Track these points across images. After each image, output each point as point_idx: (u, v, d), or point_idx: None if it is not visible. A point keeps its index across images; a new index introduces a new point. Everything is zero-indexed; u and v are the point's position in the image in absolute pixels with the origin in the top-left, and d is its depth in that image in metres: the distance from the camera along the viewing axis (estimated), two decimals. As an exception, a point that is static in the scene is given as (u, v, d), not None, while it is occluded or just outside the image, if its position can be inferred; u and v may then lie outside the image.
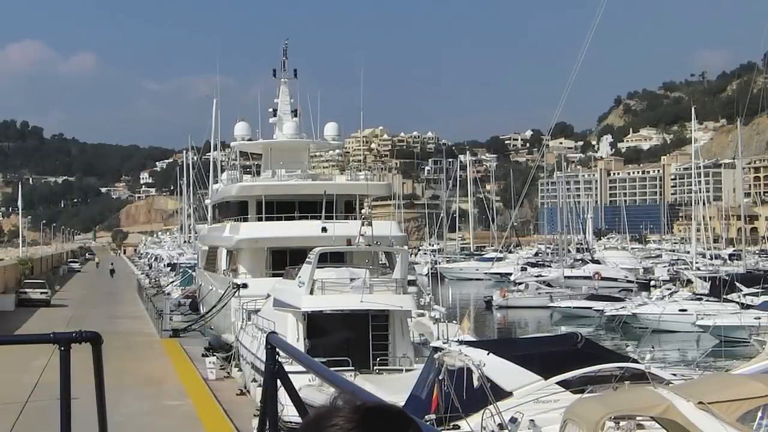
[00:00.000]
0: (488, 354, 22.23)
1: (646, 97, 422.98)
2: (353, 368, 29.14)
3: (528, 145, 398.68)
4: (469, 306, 75.50)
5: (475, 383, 20.35)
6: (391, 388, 24.33)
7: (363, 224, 35.54)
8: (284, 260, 42.71)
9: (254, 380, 29.86)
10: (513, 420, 20.08)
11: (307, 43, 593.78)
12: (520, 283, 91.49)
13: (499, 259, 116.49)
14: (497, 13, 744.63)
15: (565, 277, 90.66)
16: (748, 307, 58.55)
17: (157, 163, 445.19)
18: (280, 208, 47.97)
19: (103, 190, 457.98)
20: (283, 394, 5.75)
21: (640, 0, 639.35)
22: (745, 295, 65.46)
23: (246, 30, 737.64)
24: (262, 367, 8.28)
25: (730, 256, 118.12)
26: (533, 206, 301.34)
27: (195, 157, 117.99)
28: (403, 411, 2.26)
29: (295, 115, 53.64)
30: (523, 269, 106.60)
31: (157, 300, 61.14)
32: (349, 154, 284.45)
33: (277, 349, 5.91)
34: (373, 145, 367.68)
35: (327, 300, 32.35)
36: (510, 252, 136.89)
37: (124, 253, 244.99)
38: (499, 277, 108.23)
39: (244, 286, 43.10)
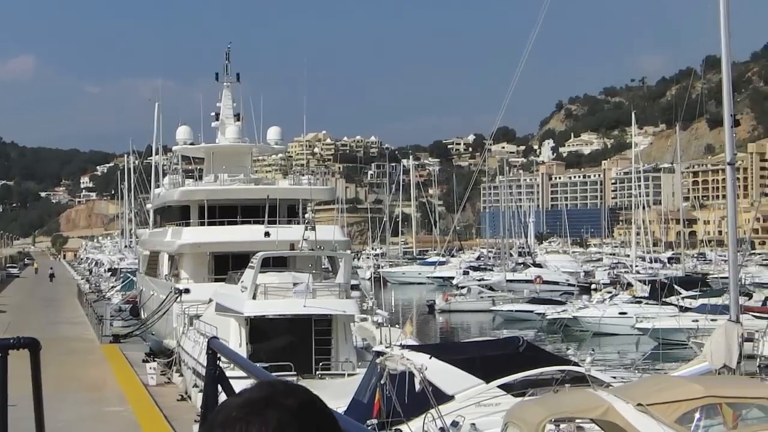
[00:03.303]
0: (430, 358, 22.30)
1: (587, 102, 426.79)
2: (295, 373, 29.09)
3: (471, 149, 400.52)
4: (411, 310, 75.65)
5: (417, 387, 20.40)
6: (334, 392, 24.30)
7: (306, 229, 35.49)
8: (227, 265, 42.53)
9: (195, 385, 29.68)
10: (454, 424, 20.16)
11: (250, 47, 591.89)
12: (462, 287, 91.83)
13: (442, 263, 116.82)
14: (440, 19, 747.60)
15: (507, 280, 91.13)
16: (687, 309, 59.23)
17: (98, 167, 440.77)
18: (222, 212, 47.74)
19: (43, 194, 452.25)
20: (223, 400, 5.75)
21: (581, 6, 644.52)
22: (683, 297, 66.31)
23: (188, 33, 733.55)
24: (204, 372, 8.26)
25: (669, 259, 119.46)
26: (476, 210, 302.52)
27: (136, 161, 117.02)
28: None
29: (238, 119, 53.41)
30: (466, 273, 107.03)
31: (97, 305, 60.53)
32: (292, 159, 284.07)
33: (219, 355, 5.92)
34: (316, 150, 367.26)
35: (270, 305, 32.27)
36: (452, 256, 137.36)
37: (64, 258, 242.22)
38: (441, 281, 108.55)
39: (186, 291, 42.83)
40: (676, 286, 69.74)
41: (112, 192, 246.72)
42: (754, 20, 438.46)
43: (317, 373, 30.93)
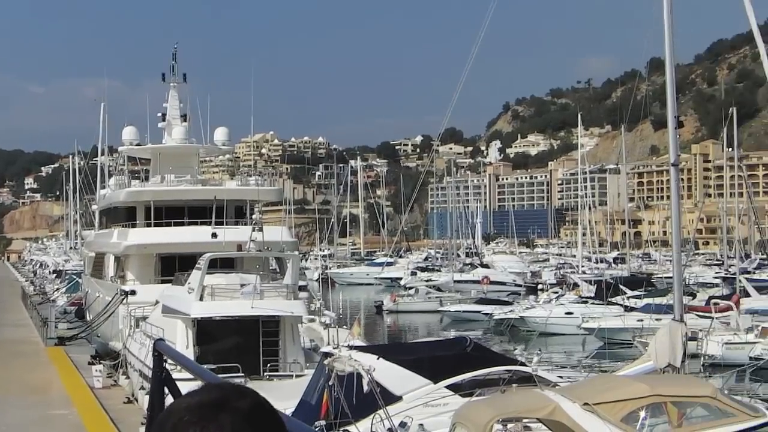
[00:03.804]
0: (378, 359, 22.32)
1: (533, 103, 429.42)
2: (243, 374, 28.99)
3: (418, 150, 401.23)
4: (359, 311, 75.72)
5: (365, 388, 20.42)
6: (282, 394, 24.24)
7: (253, 230, 35.36)
8: (173, 266, 42.25)
9: (142, 388, 29.47)
10: (402, 424, 20.20)
11: (196, 47, 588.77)
12: (410, 288, 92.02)
13: (390, 264, 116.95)
14: (387, 19, 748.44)
15: (455, 281, 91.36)
16: (632, 309, 59.85)
17: (42, 168, 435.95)
18: (169, 213, 47.45)
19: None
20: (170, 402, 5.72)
21: (528, 7, 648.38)
22: (628, 297, 66.94)
23: (134, 32, 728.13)
24: (150, 374, 8.20)
25: (615, 259, 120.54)
26: (423, 211, 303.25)
27: (81, 162, 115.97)
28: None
29: (185, 120, 53.11)
30: (413, 274, 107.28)
31: (42, 308, 59.88)
32: (239, 159, 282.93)
33: (165, 356, 5.90)
34: (263, 150, 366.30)
35: (217, 306, 32.13)
36: (400, 257, 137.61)
37: (8, 260, 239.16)
38: (389, 281, 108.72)
39: (132, 292, 42.53)
40: (621, 286, 70.44)
41: (57, 193, 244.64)
42: (698, 23, 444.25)
43: (265, 374, 30.82)
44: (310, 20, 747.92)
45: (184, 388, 6.06)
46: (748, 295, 63.97)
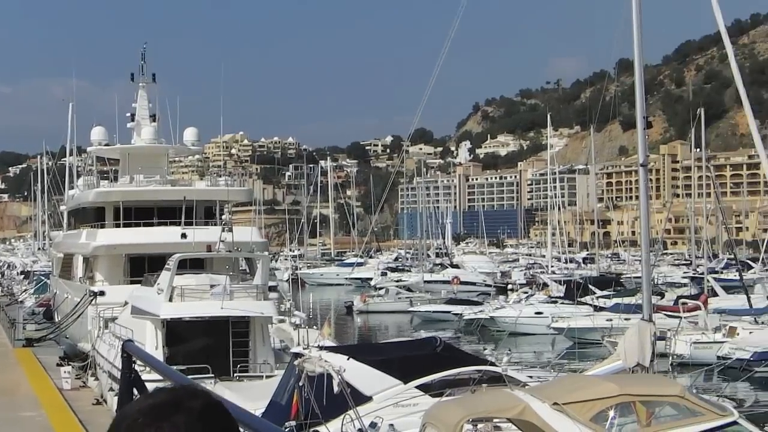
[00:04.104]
0: (348, 359, 22.31)
1: (503, 103, 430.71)
2: (213, 375, 28.94)
3: (388, 150, 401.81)
4: (329, 311, 75.63)
5: (335, 389, 20.40)
6: (252, 395, 24.21)
7: (223, 230, 35.27)
8: (143, 267, 42.06)
9: (111, 389, 29.36)
10: (373, 425, 20.20)
11: (166, 47, 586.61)
12: (380, 288, 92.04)
13: (360, 265, 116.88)
14: (357, 20, 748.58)
15: (425, 281, 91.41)
16: (601, 309, 60.11)
17: (10, 168, 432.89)
18: (138, 214, 47.24)
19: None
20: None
21: (497, 8, 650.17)
22: (598, 297, 67.23)
23: (103, 32, 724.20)
24: (119, 375, 8.17)
25: (584, 259, 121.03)
26: (393, 211, 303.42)
27: (50, 162, 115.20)
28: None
29: (154, 120, 52.92)
30: (384, 274, 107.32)
31: (9, 309, 59.43)
32: (209, 160, 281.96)
33: (134, 358, 5.87)
34: (233, 151, 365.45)
35: (186, 307, 32.04)
36: (370, 257, 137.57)
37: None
38: (359, 282, 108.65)
39: (101, 293, 42.31)
40: (590, 286, 70.73)
41: (25, 193, 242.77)
42: (666, 24, 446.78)
43: (235, 375, 30.78)
44: (279, 21, 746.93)
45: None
46: (715, 294, 64.41)
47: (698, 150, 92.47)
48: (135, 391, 5.77)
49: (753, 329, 49.40)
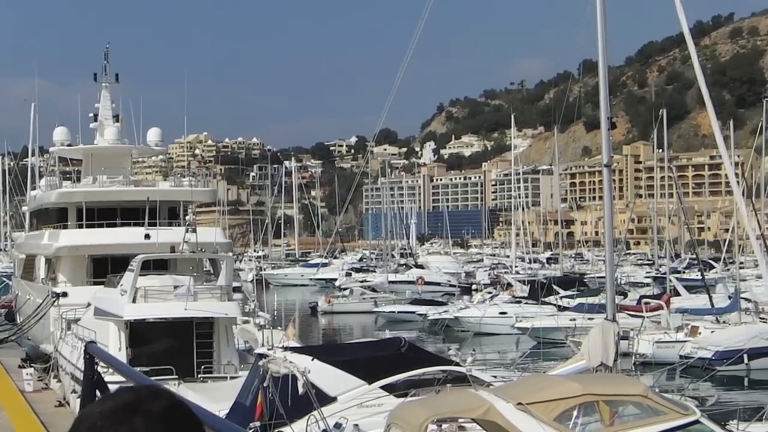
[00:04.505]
0: (313, 360, 22.27)
1: (467, 104, 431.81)
2: (177, 377, 28.82)
3: (353, 151, 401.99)
4: (294, 312, 75.50)
5: (300, 389, 20.36)
6: (216, 396, 24.13)
7: (187, 231, 35.13)
8: (106, 268, 41.79)
9: (74, 391, 29.16)
10: (337, 425, 20.18)
11: (129, 47, 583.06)
12: (344, 289, 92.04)
13: (324, 265, 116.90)
14: (321, 19, 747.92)
15: (389, 282, 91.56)
16: (565, 309, 60.43)
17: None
18: (101, 215, 46.93)
19: None
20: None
21: (461, 9, 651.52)
22: (561, 297, 67.56)
23: (66, 32, 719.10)
24: (82, 377, 8.11)
25: (548, 259, 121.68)
26: (358, 212, 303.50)
27: (11, 163, 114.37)
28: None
29: (117, 121, 52.59)
30: (348, 275, 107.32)
31: (-29, 311, 58.93)
32: (172, 160, 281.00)
33: (96, 359, 5.83)
34: (197, 151, 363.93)
35: (150, 308, 31.88)
36: (335, 258, 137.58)
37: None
38: (324, 282, 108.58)
39: (64, 294, 41.99)
40: (554, 286, 71.06)
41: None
42: (629, 25, 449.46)
43: (199, 376, 30.66)
44: (243, 20, 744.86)
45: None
46: (678, 294, 64.95)
47: (660, 151, 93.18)
48: (98, 393, 5.73)
49: (715, 328, 49.84)
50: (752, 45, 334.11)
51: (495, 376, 26.03)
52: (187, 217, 39.40)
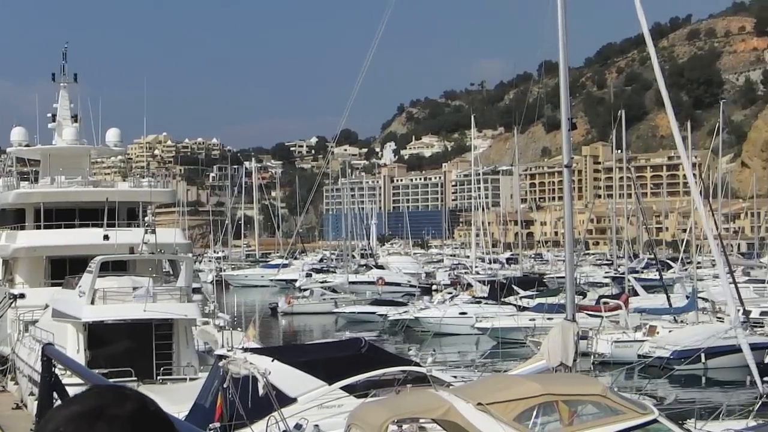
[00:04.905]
0: (273, 361, 22.22)
1: (428, 105, 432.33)
2: (136, 379, 28.67)
3: (313, 152, 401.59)
4: (254, 313, 75.20)
5: (260, 391, 20.30)
6: (176, 397, 24.01)
7: (146, 232, 34.96)
8: (64, 269, 41.52)
9: (32, 393, 28.93)
10: (298, 426, 20.15)
11: (88, 46, 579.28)
12: (305, 290, 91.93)
13: (285, 266, 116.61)
14: (281, 19, 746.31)
15: (350, 282, 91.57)
16: (525, 309, 60.66)
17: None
18: (59, 215, 46.59)
19: None
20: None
21: (422, 10, 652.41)
22: (521, 297, 67.78)
23: (24, 31, 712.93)
24: (40, 379, 8.04)
25: (508, 260, 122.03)
26: (318, 212, 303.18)
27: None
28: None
29: (76, 121, 52.22)
30: (308, 275, 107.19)
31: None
32: (131, 161, 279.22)
33: (54, 361, 5.78)
34: (156, 152, 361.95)
35: (109, 310, 31.69)
36: (295, 258, 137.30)
37: None
38: (284, 283, 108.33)
39: (21, 296, 41.68)
40: (514, 286, 71.26)
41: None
42: (588, 27, 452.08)
43: (158, 378, 30.52)
44: (202, 19, 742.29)
45: (74, 393, 5.95)
46: (636, 294, 65.40)
47: (619, 151, 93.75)
48: (55, 395, 5.69)
49: (672, 328, 50.27)
50: (709, 47, 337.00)
51: (455, 377, 26.10)
52: (146, 218, 39.19)
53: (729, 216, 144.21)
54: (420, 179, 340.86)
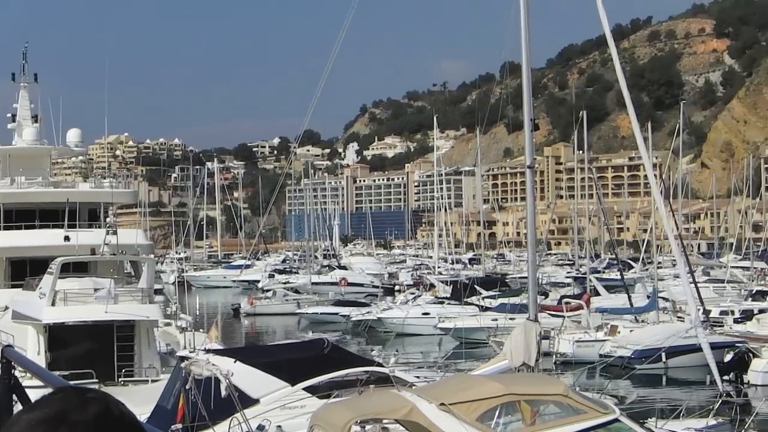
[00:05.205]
0: (235, 362, 22.17)
1: (390, 105, 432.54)
2: (97, 380, 28.51)
3: (276, 152, 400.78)
4: (216, 314, 74.98)
5: (223, 392, 20.25)
6: (137, 399, 23.86)
7: (108, 233, 34.76)
8: (24, 271, 41.22)
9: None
10: (260, 427, 20.11)
11: (48, 46, 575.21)
12: (267, 290, 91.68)
13: (247, 267, 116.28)
14: (244, 18, 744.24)
15: (313, 283, 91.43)
16: (487, 309, 60.75)
17: None
18: (19, 216, 46.23)
19: None
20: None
21: (384, 9, 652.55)
22: (484, 297, 67.92)
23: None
24: (-1, 382, 7.95)
25: (470, 260, 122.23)
26: (281, 213, 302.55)
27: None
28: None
29: (36, 121, 51.83)
30: (271, 276, 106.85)
31: None
32: (92, 161, 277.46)
33: (14, 364, 5.73)
34: (118, 152, 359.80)
35: (70, 311, 31.48)
36: (258, 259, 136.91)
37: None
38: (247, 284, 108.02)
39: (-19, 298, 41.31)
40: (476, 287, 71.35)
41: None
42: (549, 28, 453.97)
43: (120, 380, 30.36)
44: (163, 19, 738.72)
45: (35, 396, 5.90)
46: (597, 294, 65.72)
47: (581, 152, 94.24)
48: (15, 399, 5.63)
49: (633, 327, 50.57)
50: (670, 48, 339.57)
51: (418, 377, 26.13)
52: (107, 219, 38.97)
53: (689, 216, 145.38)
54: (383, 180, 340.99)
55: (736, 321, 55.25)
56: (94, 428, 2.07)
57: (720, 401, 25.12)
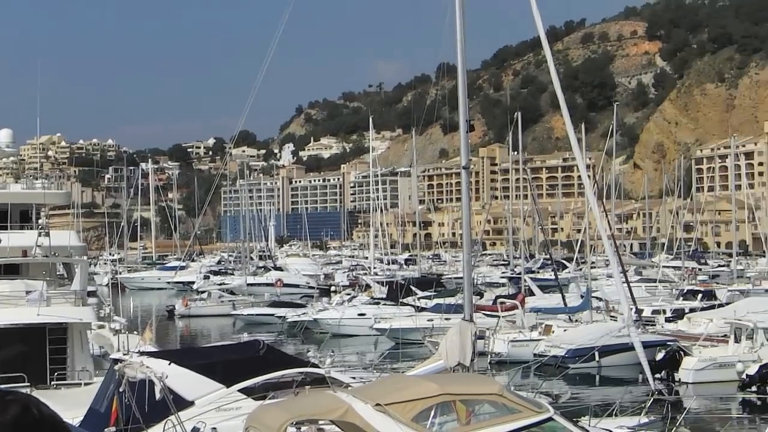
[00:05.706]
0: (170, 364, 22.01)
1: (326, 106, 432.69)
2: (29, 384, 28.13)
3: (211, 153, 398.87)
4: (151, 316, 74.41)
5: (157, 395, 20.11)
6: (70, 403, 23.62)
7: (40, 234, 34.33)
8: (-47, 273, 40.58)
9: None
10: (195, 430, 20.00)
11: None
12: (202, 292, 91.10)
13: (182, 268, 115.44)
14: (174, 20, 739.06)
15: (248, 284, 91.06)
16: (423, 309, 60.97)
17: None
18: (-52, 218, 45.52)
19: None
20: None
21: (320, 12, 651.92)
22: (419, 298, 68.14)
23: None
24: (-72, 386, 7.87)
25: (406, 260, 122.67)
26: (216, 214, 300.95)
27: None
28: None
29: (-35, 121, 51.12)
30: (206, 277, 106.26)
31: None
32: (24, 162, 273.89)
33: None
34: (50, 153, 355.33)
35: (1, 314, 31.04)
36: (193, 260, 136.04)
37: None
38: (181, 285, 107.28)
39: None
40: (412, 287, 71.63)
41: None
42: (484, 30, 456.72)
43: (52, 383, 29.99)
44: (97, 18, 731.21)
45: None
46: (532, 294, 66.26)
47: (515, 153, 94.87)
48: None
49: (567, 327, 51.09)
50: (603, 50, 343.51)
51: (354, 378, 26.13)
52: (39, 221, 38.48)
53: (622, 216, 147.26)
54: (318, 180, 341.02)
55: (667, 320, 56.09)
56: (12, 429, 2.05)
57: (652, 399, 25.38)
